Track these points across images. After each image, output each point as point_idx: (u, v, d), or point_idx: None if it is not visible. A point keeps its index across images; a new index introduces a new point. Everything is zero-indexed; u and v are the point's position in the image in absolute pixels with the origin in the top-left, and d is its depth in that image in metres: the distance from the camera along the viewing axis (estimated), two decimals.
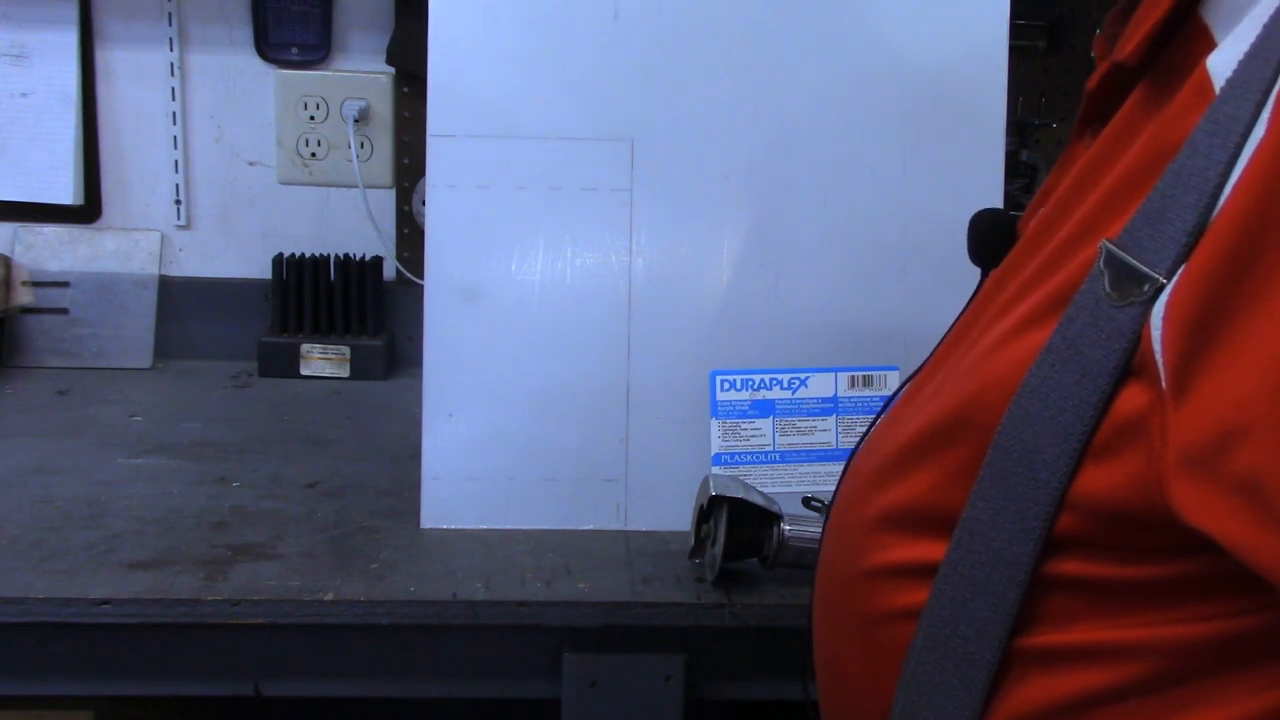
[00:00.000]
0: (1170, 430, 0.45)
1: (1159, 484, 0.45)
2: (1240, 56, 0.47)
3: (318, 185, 1.57)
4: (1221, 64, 0.48)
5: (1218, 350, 0.43)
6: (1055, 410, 0.49)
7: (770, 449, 1.07)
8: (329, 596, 0.91)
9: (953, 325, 0.67)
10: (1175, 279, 0.46)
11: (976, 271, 0.70)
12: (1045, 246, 0.56)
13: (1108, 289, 0.48)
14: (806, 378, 1.07)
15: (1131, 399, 0.47)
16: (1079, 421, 0.48)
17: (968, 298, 0.67)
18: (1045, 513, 0.50)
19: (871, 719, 0.60)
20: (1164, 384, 0.45)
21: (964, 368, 0.58)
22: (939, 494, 0.56)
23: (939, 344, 0.67)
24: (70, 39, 1.52)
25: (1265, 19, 0.47)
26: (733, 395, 1.06)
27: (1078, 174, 0.58)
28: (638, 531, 1.05)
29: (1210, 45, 0.51)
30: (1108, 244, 0.49)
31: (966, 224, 0.72)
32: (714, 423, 1.06)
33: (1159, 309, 0.46)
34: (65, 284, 1.55)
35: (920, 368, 0.68)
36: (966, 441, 0.54)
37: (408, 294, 1.54)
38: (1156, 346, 0.46)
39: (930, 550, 0.56)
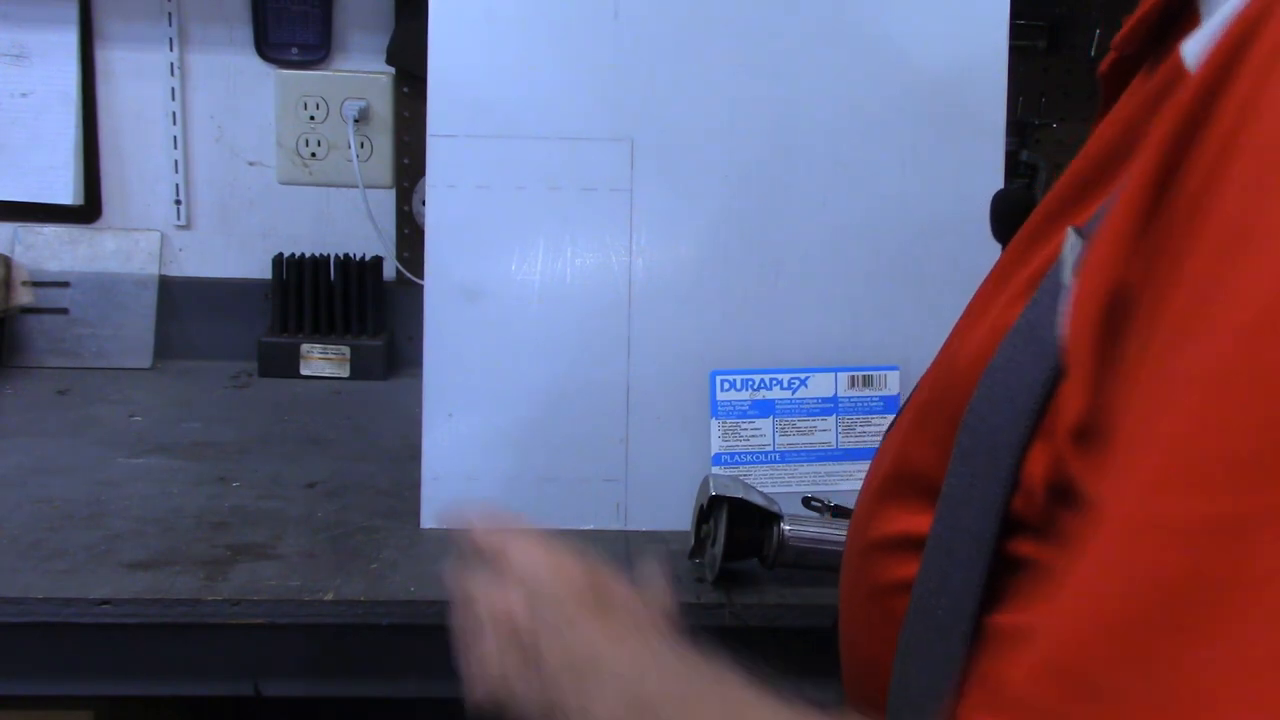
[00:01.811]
0: (1062, 406, 0.46)
1: (1062, 460, 0.46)
2: (1209, 39, 0.46)
3: (318, 185, 1.57)
4: (1194, 48, 0.48)
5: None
6: (1014, 390, 0.50)
7: (770, 449, 1.07)
8: (329, 596, 0.91)
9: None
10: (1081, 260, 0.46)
11: (978, 271, 0.70)
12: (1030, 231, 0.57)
13: (1069, 273, 0.48)
14: (806, 378, 1.07)
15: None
16: (1032, 401, 0.49)
17: (968, 297, 0.68)
18: (1003, 492, 0.50)
19: (878, 687, 0.61)
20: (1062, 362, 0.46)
21: (953, 345, 0.59)
22: (929, 466, 0.56)
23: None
24: (70, 39, 1.52)
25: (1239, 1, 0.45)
26: (733, 395, 1.06)
27: (1073, 161, 0.59)
28: (638, 531, 1.05)
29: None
30: (1072, 230, 0.50)
31: (966, 224, 0.73)
32: (714, 423, 1.06)
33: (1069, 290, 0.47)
34: (65, 284, 1.55)
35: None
36: (946, 416, 0.55)
37: (408, 294, 1.54)
38: (1062, 326, 0.47)
39: (923, 523, 0.56)
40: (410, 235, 1.57)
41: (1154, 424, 0.38)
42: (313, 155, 1.56)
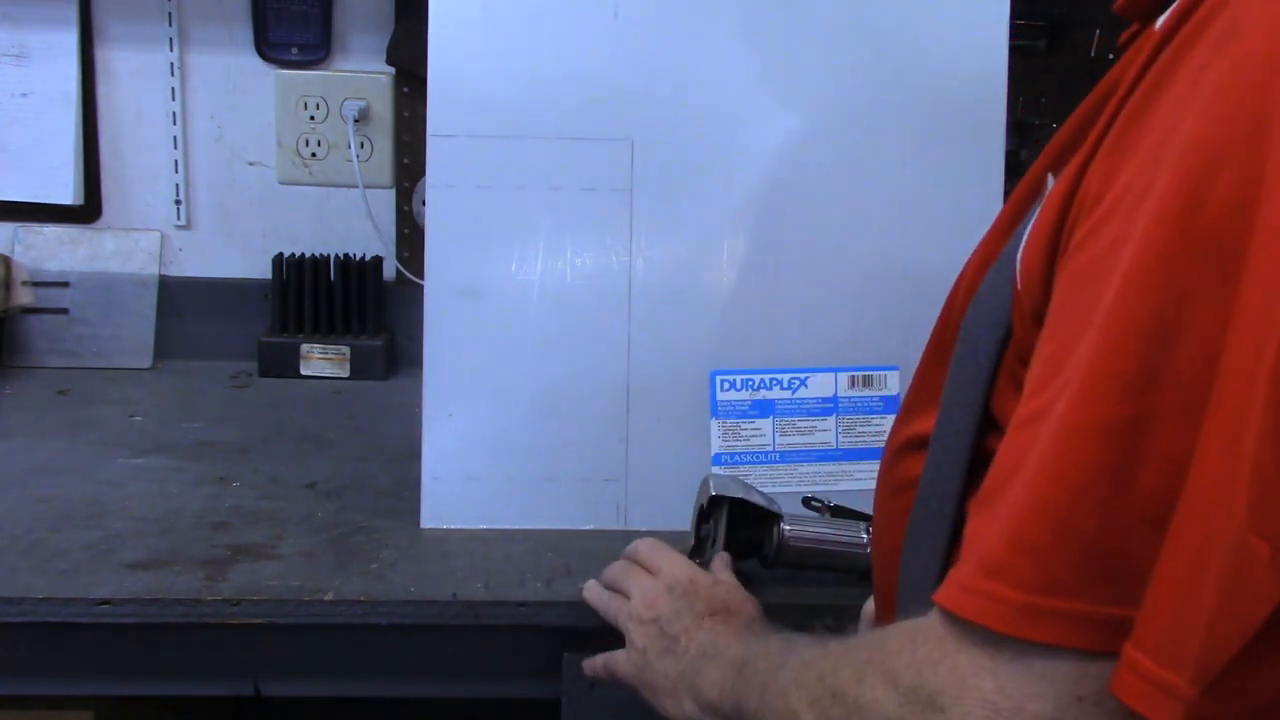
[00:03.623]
0: (1015, 315, 0.58)
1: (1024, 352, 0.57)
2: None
3: (318, 185, 1.57)
4: (1162, 17, 0.54)
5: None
6: (992, 308, 0.61)
7: (770, 449, 1.07)
8: (329, 596, 0.91)
9: None
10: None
11: None
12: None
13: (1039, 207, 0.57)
14: (806, 378, 1.07)
15: None
16: (1005, 316, 0.59)
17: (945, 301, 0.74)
18: (982, 393, 0.61)
19: (893, 576, 0.69)
20: (1018, 284, 0.58)
21: (957, 281, 0.70)
22: (940, 379, 0.65)
23: None
24: (70, 39, 1.52)
25: None
26: (733, 395, 1.06)
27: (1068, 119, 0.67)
28: (638, 531, 1.05)
29: None
30: (1050, 175, 0.59)
31: (966, 224, 0.76)
32: (714, 423, 1.06)
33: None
34: (65, 284, 1.55)
35: None
36: (948, 337, 0.66)
37: (408, 294, 1.54)
38: (1019, 256, 0.58)
39: (930, 425, 0.65)
40: (410, 235, 1.57)
41: (1072, 350, 0.50)
42: (313, 155, 1.55)
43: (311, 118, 1.54)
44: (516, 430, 1.05)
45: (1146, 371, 0.48)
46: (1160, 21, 0.54)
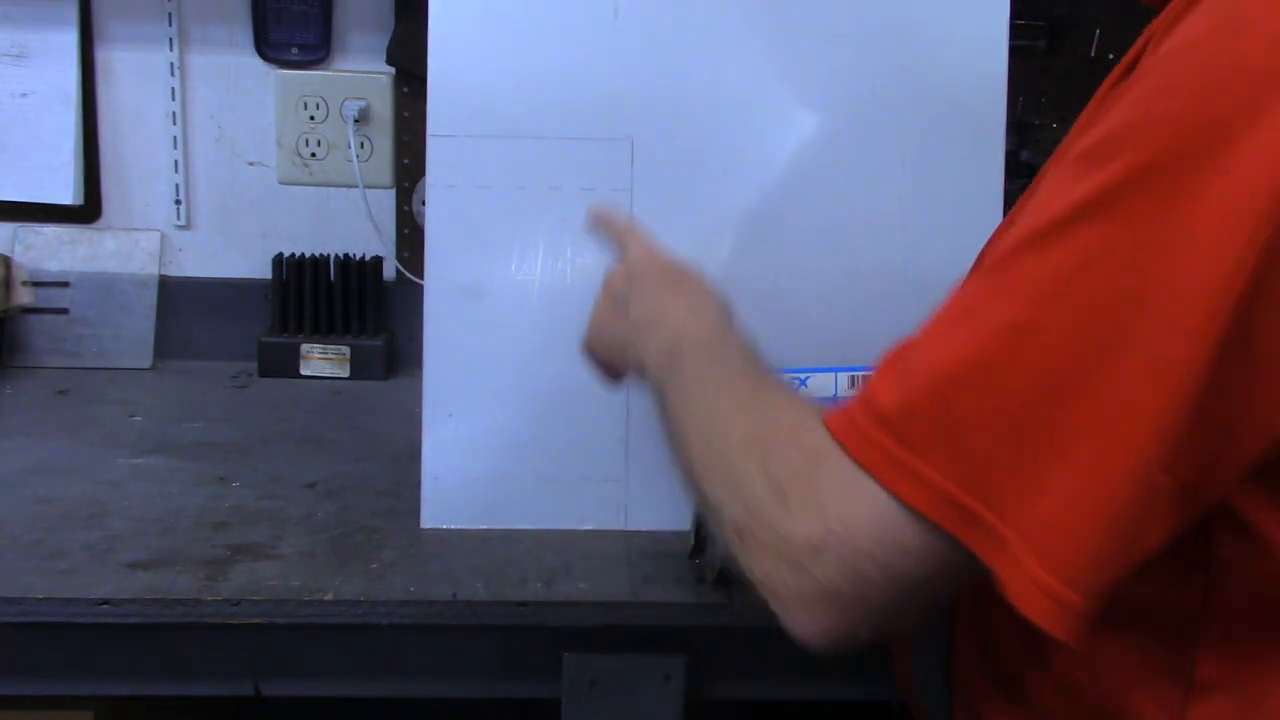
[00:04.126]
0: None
1: None
2: None
3: (318, 185, 1.57)
4: None
5: None
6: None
7: None
8: (329, 596, 0.91)
9: None
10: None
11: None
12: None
13: None
14: (806, 378, 1.07)
15: None
16: None
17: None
18: None
19: None
20: None
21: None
22: None
23: None
24: (70, 39, 1.52)
25: None
26: None
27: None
28: (638, 531, 1.05)
29: None
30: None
31: (966, 224, 0.78)
32: None
33: None
34: (65, 284, 1.55)
35: None
36: None
37: (408, 294, 1.54)
38: None
39: None
40: (410, 235, 1.57)
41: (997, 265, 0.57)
42: (313, 155, 1.55)
43: (311, 118, 1.54)
44: (516, 430, 1.05)
45: (1056, 284, 0.53)
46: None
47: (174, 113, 1.56)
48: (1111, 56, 1.53)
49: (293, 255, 1.54)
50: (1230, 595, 0.59)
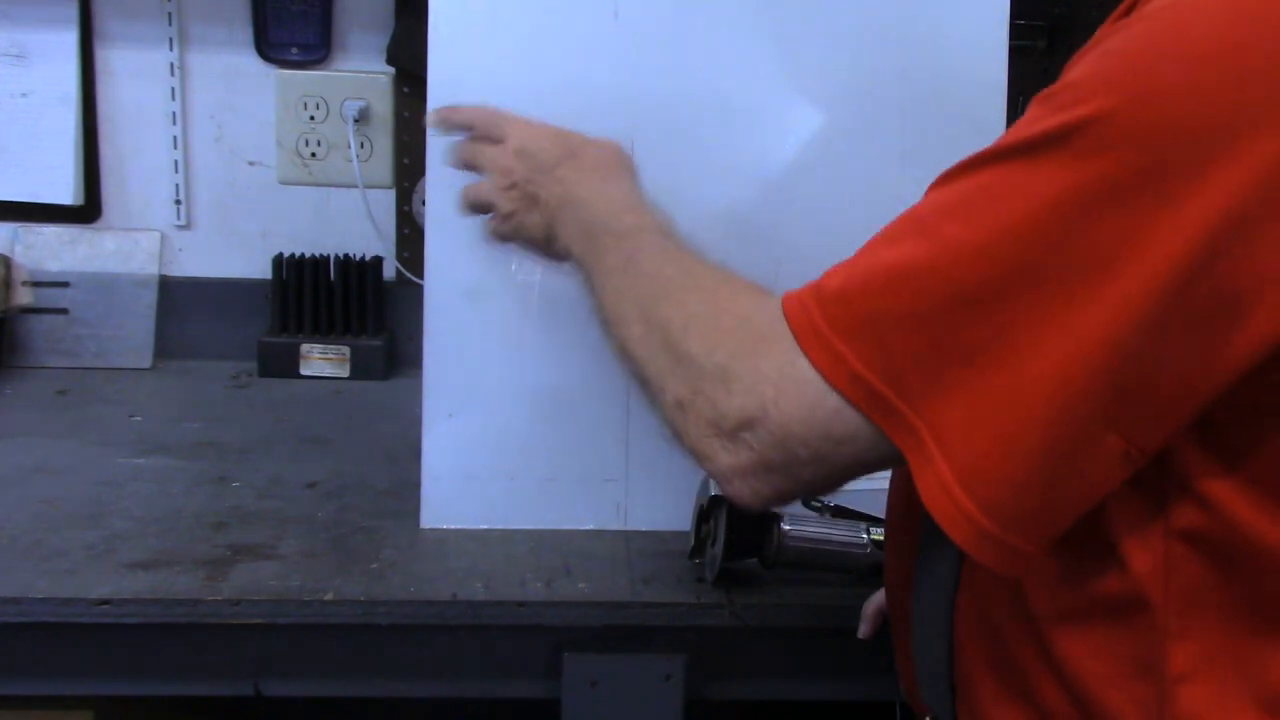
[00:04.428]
0: None
1: None
2: None
3: (318, 185, 1.57)
4: None
5: None
6: None
7: None
8: (329, 596, 0.91)
9: None
10: None
11: None
12: None
13: None
14: None
15: None
16: None
17: None
18: None
19: (907, 595, 0.73)
20: None
21: None
22: None
23: None
24: (70, 39, 1.52)
25: None
26: None
27: None
28: (638, 531, 1.05)
29: None
30: None
31: None
32: None
33: None
34: (65, 284, 1.55)
35: None
36: None
37: (408, 294, 1.54)
38: None
39: None
40: (410, 235, 1.57)
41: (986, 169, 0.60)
42: (313, 155, 1.55)
43: (311, 118, 1.54)
44: (516, 430, 1.05)
45: (1038, 234, 0.55)
46: None
47: (174, 113, 1.56)
48: None
49: (293, 255, 1.54)
50: (1195, 581, 0.59)
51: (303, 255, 1.54)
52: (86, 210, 1.57)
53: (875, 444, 0.60)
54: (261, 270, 1.57)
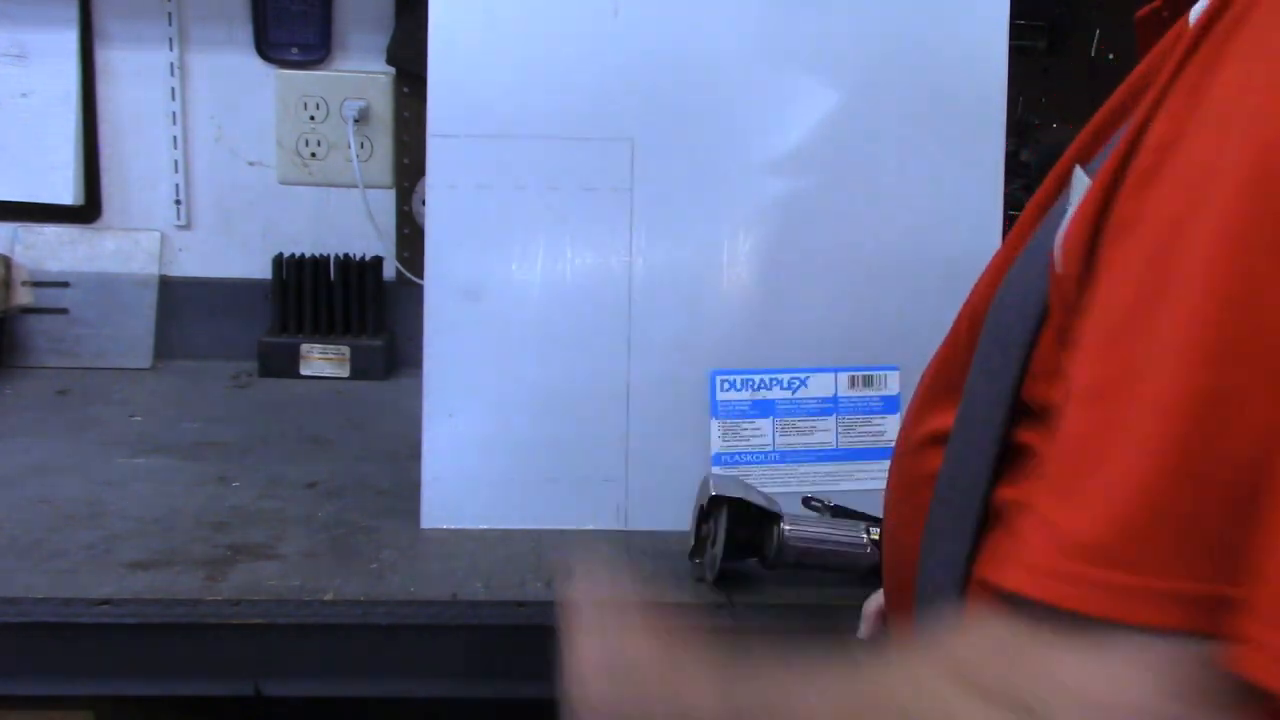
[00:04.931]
0: (1053, 299, 0.56)
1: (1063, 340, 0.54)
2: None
3: (318, 185, 1.57)
4: (1199, 5, 0.52)
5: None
6: (1021, 298, 0.60)
7: (770, 449, 1.07)
8: (329, 596, 0.91)
9: None
10: (1083, 196, 0.54)
11: (977, 270, 0.71)
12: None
13: (1074, 203, 0.55)
14: (806, 378, 1.07)
15: None
16: (1037, 304, 0.58)
17: (966, 296, 0.72)
18: (1011, 382, 0.59)
19: (910, 574, 0.68)
20: (1058, 267, 0.55)
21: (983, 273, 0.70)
22: (959, 372, 0.65)
23: None
24: (70, 39, 1.52)
25: None
26: (733, 395, 1.06)
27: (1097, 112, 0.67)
28: (638, 531, 1.05)
29: None
30: (1078, 166, 0.58)
31: (966, 224, 0.76)
32: (714, 423, 1.06)
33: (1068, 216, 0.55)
34: (65, 284, 1.55)
35: None
36: (971, 327, 0.65)
37: (408, 294, 1.54)
38: (1058, 238, 0.55)
39: (950, 420, 0.65)
40: (410, 235, 1.57)
41: (1138, 314, 0.48)
42: (313, 155, 1.55)
43: (311, 118, 1.54)
44: (516, 430, 1.05)
45: (1236, 341, 0.45)
46: (1195, 15, 0.53)
47: (174, 113, 1.56)
48: (1111, 56, 1.53)
49: (293, 255, 1.54)
50: None
51: (303, 255, 1.54)
52: (86, 210, 1.57)
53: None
54: (261, 270, 1.57)
